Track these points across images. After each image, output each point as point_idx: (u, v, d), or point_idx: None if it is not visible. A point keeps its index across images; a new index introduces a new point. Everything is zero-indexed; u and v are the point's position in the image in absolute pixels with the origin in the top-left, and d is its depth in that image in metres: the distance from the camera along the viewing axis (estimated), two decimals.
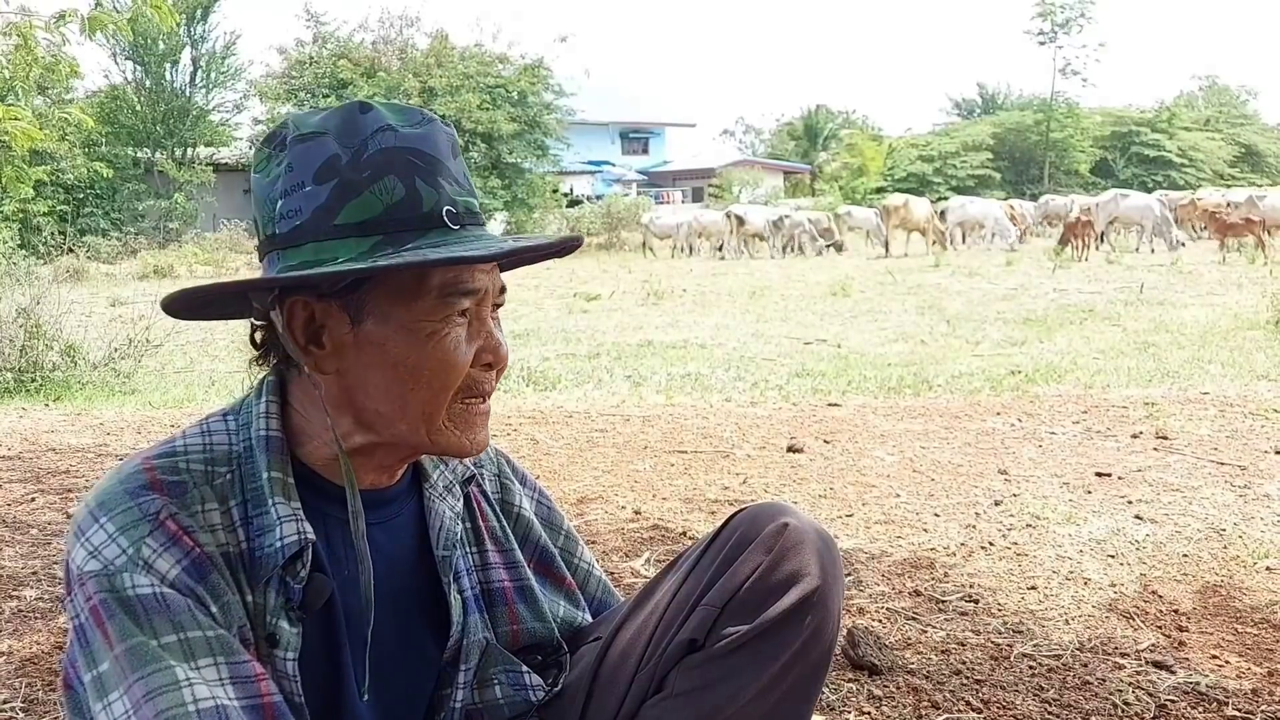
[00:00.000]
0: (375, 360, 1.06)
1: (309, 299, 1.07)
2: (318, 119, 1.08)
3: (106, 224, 28.58)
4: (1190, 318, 9.74)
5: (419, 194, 1.05)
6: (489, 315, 1.11)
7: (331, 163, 1.05)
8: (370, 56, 32.86)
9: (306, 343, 1.08)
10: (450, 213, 1.06)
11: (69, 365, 7.12)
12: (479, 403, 1.11)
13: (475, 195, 1.12)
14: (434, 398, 1.07)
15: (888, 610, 2.62)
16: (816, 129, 55.70)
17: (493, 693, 1.20)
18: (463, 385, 1.09)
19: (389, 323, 1.05)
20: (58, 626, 2.55)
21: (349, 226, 1.04)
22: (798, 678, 1.10)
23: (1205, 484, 3.81)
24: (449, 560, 1.19)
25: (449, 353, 1.06)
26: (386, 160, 1.04)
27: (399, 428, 1.09)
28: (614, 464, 4.31)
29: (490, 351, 1.10)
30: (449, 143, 1.10)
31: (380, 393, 1.07)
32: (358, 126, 1.06)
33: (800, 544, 1.12)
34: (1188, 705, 2.09)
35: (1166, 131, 47.44)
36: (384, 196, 1.04)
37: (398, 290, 1.05)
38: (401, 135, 1.06)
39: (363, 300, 1.05)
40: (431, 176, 1.06)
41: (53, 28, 5.26)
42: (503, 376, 1.17)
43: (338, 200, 1.04)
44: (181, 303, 1.10)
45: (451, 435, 1.10)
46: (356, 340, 1.06)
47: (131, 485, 1.02)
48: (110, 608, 0.97)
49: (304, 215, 1.05)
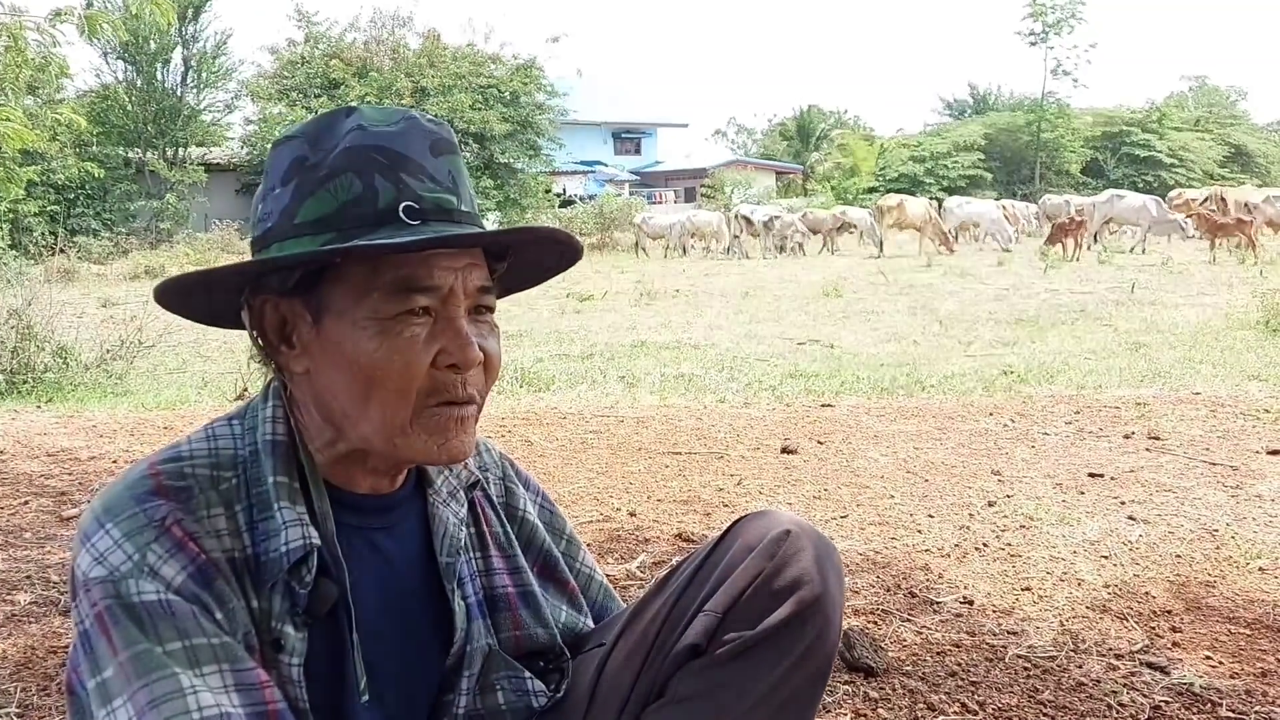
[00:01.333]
0: (336, 360, 1.06)
1: (275, 299, 1.08)
2: (302, 124, 1.10)
3: (98, 224, 28.42)
4: (1181, 318, 9.78)
5: (375, 190, 1.04)
6: (460, 316, 1.07)
7: (296, 163, 1.07)
8: (362, 56, 32.77)
9: (279, 343, 1.09)
10: (409, 208, 1.03)
11: (61, 367, 7.09)
12: (453, 408, 1.08)
13: (458, 193, 1.08)
14: (391, 399, 1.05)
15: (882, 611, 2.64)
16: (808, 129, 55.73)
17: (495, 699, 1.20)
18: (428, 388, 1.06)
19: (344, 320, 1.05)
20: (52, 630, 2.55)
21: (305, 224, 1.05)
22: (799, 684, 1.11)
23: (1197, 484, 3.83)
24: (452, 567, 1.19)
25: (399, 351, 1.04)
26: (348, 158, 1.05)
27: (363, 430, 1.07)
28: (608, 465, 4.32)
29: (454, 353, 1.06)
30: (428, 140, 1.08)
31: (344, 393, 1.07)
32: (333, 129, 1.07)
33: (802, 551, 1.12)
34: (1181, 706, 2.10)
35: (1157, 132, 47.54)
36: (339, 194, 1.04)
37: (352, 286, 1.04)
38: (369, 134, 1.06)
39: (322, 297, 1.06)
40: (392, 173, 1.04)
41: (46, 28, 5.25)
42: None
43: (298, 200, 1.05)
44: (168, 295, 1.10)
45: (418, 441, 1.07)
46: (320, 339, 1.06)
47: (138, 491, 1.02)
48: (115, 614, 0.96)
49: (274, 217, 1.07)
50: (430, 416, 1.07)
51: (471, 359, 1.07)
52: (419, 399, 1.06)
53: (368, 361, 1.04)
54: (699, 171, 45.97)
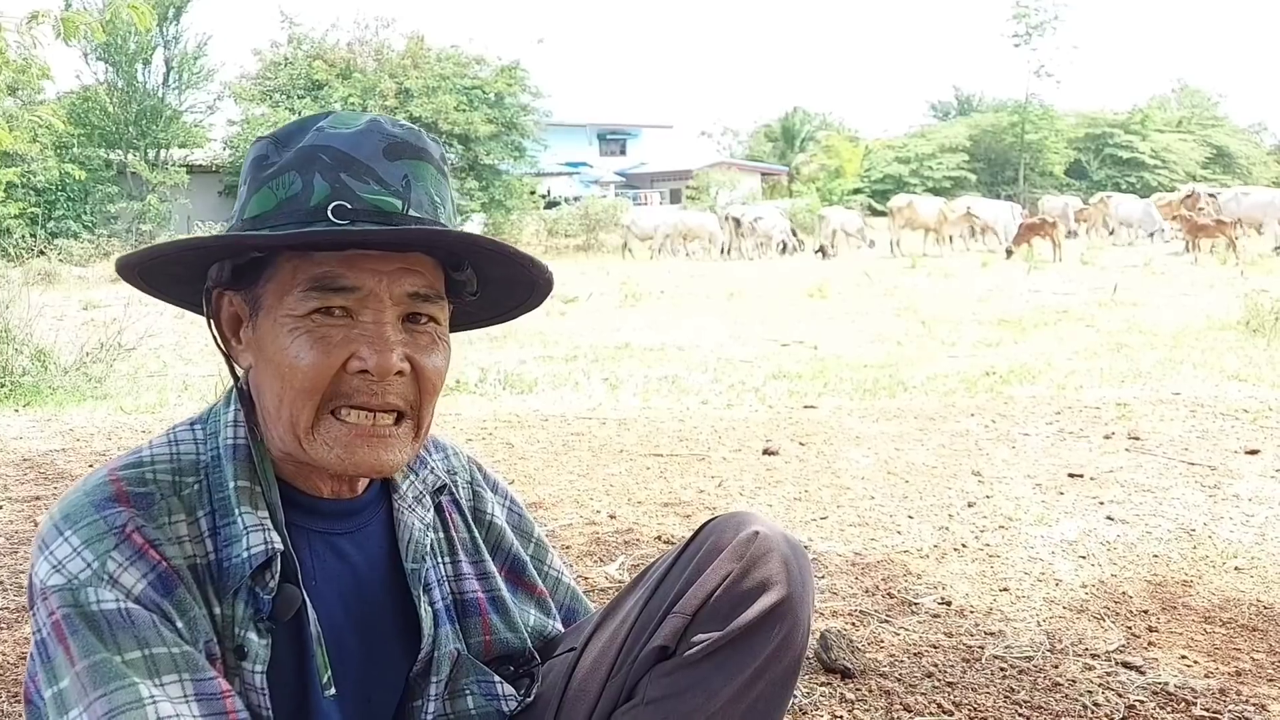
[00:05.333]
0: (262, 355, 1.07)
1: (228, 292, 1.10)
2: (281, 126, 1.11)
3: (78, 226, 28.22)
4: (1163, 319, 9.83)
5: (312, 188, 1.03)
6: (384, 322, 1.04)
7: (256, 163, 1.08)
8: (345, 58, 32.67)
9: (231, 337, 1.11)
10: (340, 208, 1.01)
11: (39, 370, 7.03)
12: (361, 417, 1.04)
13: (408, 198, 1.04)
14: (297, 400, 1.04)
15: (860, 613, 2.64)
16: (793, 131, 55.89)
17: (464, 703, 1.19)
18: (334, 392, 1.04)
19: (270, 316, 1.05)
20: (22, 636, 2.52)
21: (248, 220, 1.06)
22: (768, 685, 1.11)
23: (1176, 484, 3.85)
24: (418, 573, 1.18)
25: (303, 350, 1.02)
26: (296, 158, 1.05)
27: (279, 430, 1.07)
28: (589, 468, 4.31)
29: (366, 358, 1.02)
30: (384, 143, 1.05)
31: (268, 390, 1.07)
32: (300, 131, 1.08)
33: (770, 552, 1.12)
34: (1156, 705, 2.11)
35: (1140, 133, 47.87)
36: (279, 190, 1.04)
37: (278, 283, 1.05)
38: (324, 134, 1.06)
39: (258, 294, 1.07)
40: (333, 173, 1.03)
41: (25, 30, 5.20)
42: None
43: (248, 197, 1.07)
44: (130, 272, 1.10)
45: (321, 448, 1.05)
46: (256, 335, 1.08)
47: (97, 497, 1.01)
48: (73, 623, 0.95)
49: (235, 214, 1.09)
50: (331, 425, 1.05)
51: (386, 366, 1.03)
52: (323, 402, 1.04)
53: (280, 359, 1.04)
54: (684, 173, 45.97)
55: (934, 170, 45.69)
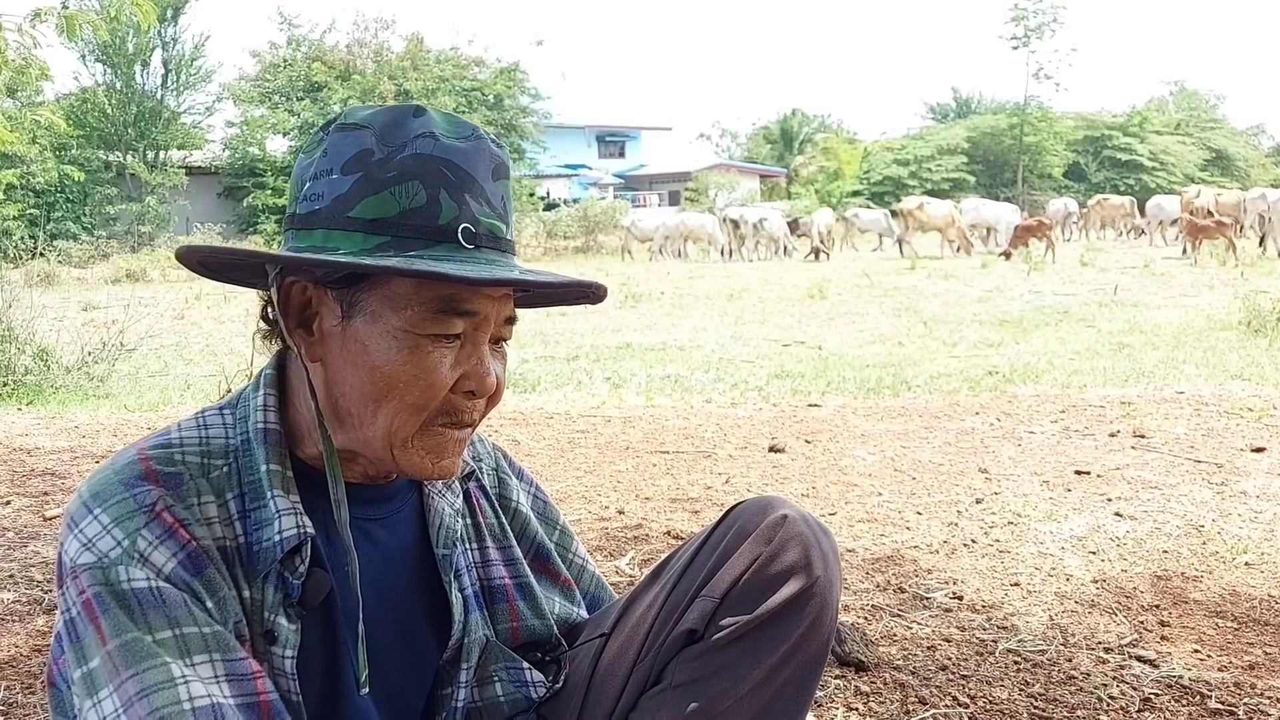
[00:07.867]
0: (356, 359, 1.04)
1: (308, 283, 1.06)
2: (368, 113, 1.06)
3: (78, 228, 28.22)
4: (1164, 319, 9.84)
5: (439, 205, 1.01)
6: (485, 342, 1.07)
7: (362, 156, 1.03)
8: (345, 59, 32.68)
9: (297, 325, 1.07)
10: (467, 231, 1.02)
11: (42, 369, 7.02)
12: (454, 430, 1.08)
13: (508, 221, 1.07)
14: (404, 412, 1.04)
15: (873, 607, 2.63)
16: (792, 133, 55.88)
17: (493, 690, 1.19)
18: (441, 409, 1.06)
19: (377, 325, 1.03)
20: (35, 629, 2.52)
21: (361, 221, 1.02)
22: (796, 668, 1.10)
23: (1183, 481, 3.84)
24: (449, 559, 1.18)
25: (427, 371, 1.03)
26: (417, 165, 1.02)
27: (365, 433, 1.06)
28: (596, 464, 4.31)
29: (475, 380, 1.06)
30: (492, 163, 1.06)
31: (355, 394, 1.05)
32: (402, 127, 1.04)
33: (799, 536, 1.12)
34: (1171, 698, 2.10)
35: (1138, 135, 47.89)
36: (402, 199, 1.01)
37: (393, 295, 1.02)
38: (440, 145, 1.03)
39: (357, 296, 1.03)
40: (458, 191, 1.02)
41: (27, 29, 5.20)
42: (495, 407, 1.14)
43: (357, 194, 1.02)
44: (194, 257, 1.09)
45: (416, 455, 1.07)
46: (343, 334, 1.04)
47: (126, 476, 1.00)
48: (104, 601, 0.95)
49: (324, 201, 1.03)
50: (434, 435, 1.07)
51: (494, 389, 1.08)
52: (429, 417, 1.06)
53: (391, 371, 1.03)
54: (683, 175, 46.03)
55: (933, 172, 45.68)
